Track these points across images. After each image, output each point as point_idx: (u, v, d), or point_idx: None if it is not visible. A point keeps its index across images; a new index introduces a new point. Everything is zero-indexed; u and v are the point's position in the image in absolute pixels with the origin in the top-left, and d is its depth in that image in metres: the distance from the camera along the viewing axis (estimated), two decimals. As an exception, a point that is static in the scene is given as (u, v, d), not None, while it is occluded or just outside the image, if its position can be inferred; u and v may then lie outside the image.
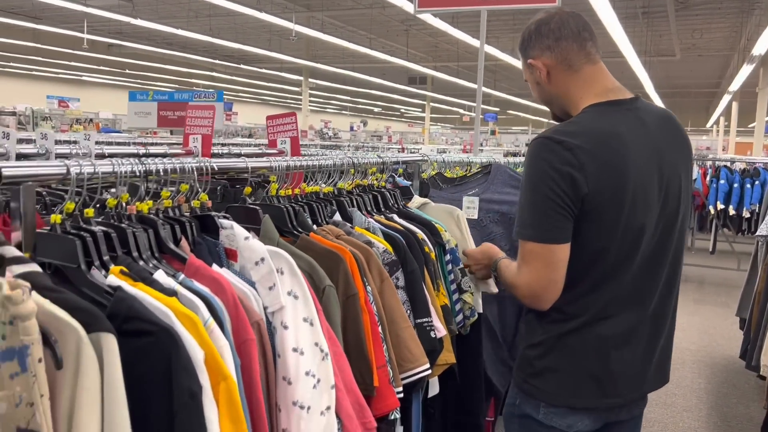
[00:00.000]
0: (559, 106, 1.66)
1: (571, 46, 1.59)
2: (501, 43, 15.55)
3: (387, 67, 20.51)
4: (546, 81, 1.63)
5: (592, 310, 1.54)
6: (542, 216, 1.48)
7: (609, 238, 1.49)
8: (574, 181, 1.44)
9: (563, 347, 1.56)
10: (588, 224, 1.48)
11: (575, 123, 1.55)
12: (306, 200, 1.78)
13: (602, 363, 1.55)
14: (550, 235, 1.48)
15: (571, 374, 1.56)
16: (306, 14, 15.22)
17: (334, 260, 1.51)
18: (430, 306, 1.81)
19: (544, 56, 1.61)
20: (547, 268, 1.50)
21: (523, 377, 1.63)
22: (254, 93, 30.07)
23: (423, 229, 2.01)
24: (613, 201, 1.47)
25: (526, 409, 1.62)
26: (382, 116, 38.21)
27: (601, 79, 1.61)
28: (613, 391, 1.58)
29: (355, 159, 2.00)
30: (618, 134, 1.51)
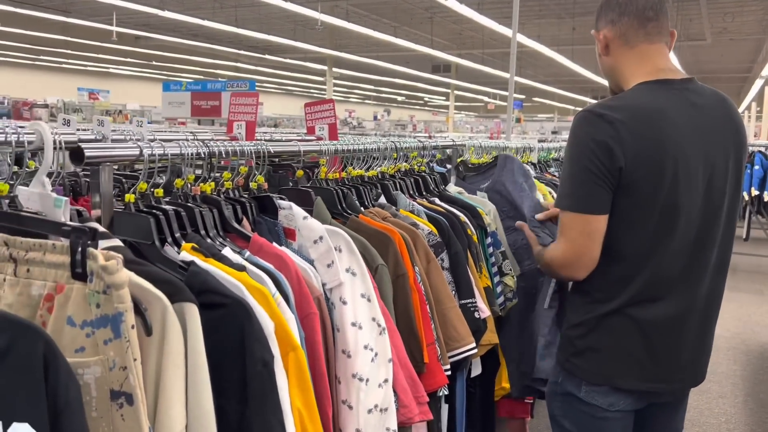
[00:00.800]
0: (614, 80, 1.68)
1: (632, 22, 1.60)
2: (526, 29, 15.39)
3: (411, 55, 20.41)
4: (603, 53, 1.66)
5: (632, 290, 1.54)
6: (579, 186, 1.50)
7: (646, 213, 1.50)
8: (612, 152, 1.46)
9: (604, 327, 1.57)
10: (625, 198, 1.49)
11: (620, 98, 1.57)
12: (352, 183, 1.83)
13: (645, 346, 1.56)
14: (585, 205, 1.50)
15: (611, 355, 1.57)
16: (330, 3, 15.22)
17: (383, 241, 1.56)
18: (474, 287, 1.85)
19: (606, 29, 1.64)
20: (582, 237, 1.52)
21: (565, 356, 1.65)
22: (278, 83, 30.18)
23: (465, 213, 2.04)
24: (650, 176, 1.48)
25: (567, 387, 1.64)
26: (405, 105, 38.13)
27: (655, 58, 1.61)
28: (655, 376, 1.59)
29: (398, 143, 2.04)
30: (661, 110, 1.51)
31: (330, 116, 2.82)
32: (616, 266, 1.54)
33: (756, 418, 3.97)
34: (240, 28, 15.94)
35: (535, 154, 3.60)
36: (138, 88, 24.31)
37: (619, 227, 1.52)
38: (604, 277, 1.56)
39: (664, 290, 1.55)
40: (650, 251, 1.53)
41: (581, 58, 19.01)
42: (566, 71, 20.24)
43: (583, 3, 14.89)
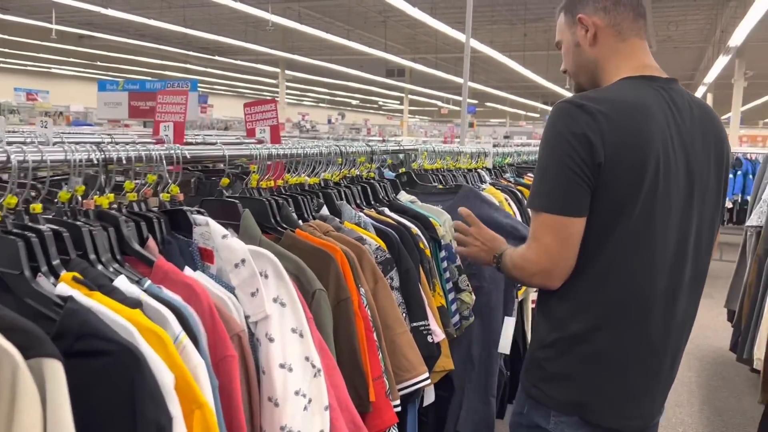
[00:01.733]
0: (590, 73, 1.53)
1: (628, 13, 1.49)
2: (479, 35, 15.45)
3: (365, 59, 20.27)
4: (590, 42, 1.50)
5: (606, 307, 1.39)
6: (556, 184, 1.35)
7: (625, 215, 1.35)
8: (591, 145, 1.31)
9: (578, 350, 1.40)
10: (603, 197, 1.34)
11: (601, 91, 1.44)
12: (290, 193, 1.61)
13: (622, 376, 1.40)
14: (562, 206, 1.34)
15: (585, 384, 1.41)
16: (282, 5, 14.94)
17: (323, 260, 1.35)
18: (426, 308, 1.66)
19: (597, 16, 1.49)
20: (557, 243, 1.36)
21: (532, 381, 1.47)
22: (230, 85, 29.61)
23: (416, 224, 1.85)
24: (631, 173, 1.34)
25: (534, 418, 1.46)
26: (360, 109, 37.97)
27: (642, 55, 1.51)
28: (633, 412, 1.44)
29: (343, 147, 1.83)
30: (645, 106, 1.39)
31: (272, 117, 2.59)
32: (590, 277, 1.38)
33: (713, 427, 3.91)
34: (189, 29, 15.50)
35: (490, 160, 3.45)
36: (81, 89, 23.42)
37: (595, 233, 1.36)
38: (576, 290, 1.40)
39: (641, 309, 1.39)
40: (630, 259, 1.38)
41: (532, 63, 19.20)
42: (518, 77, 20.44)
43: (534, 9, 15.01)
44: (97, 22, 17.34)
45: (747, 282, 4.61)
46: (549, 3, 14.81)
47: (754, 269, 4.50)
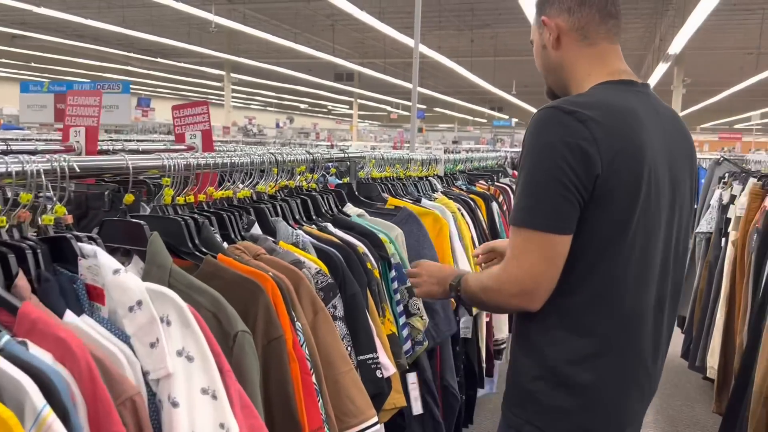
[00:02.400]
0: (558, 78, 1.45)
1: (594, 15, 1.39)
2: (427, 40, 15.43)
3: (313, 62, 20.02)
4: (554, 45, 1.42)
5: (609, 322, 1.29)
6: (543, 198, 1.24)
7: (622, 229, 1.26)
8: (587, 157, 1.21)
9: (574, 379, 1.29)
10: (598, 212, 1.25)
11: (587, 95, 1.34)
12: (214, 209, 1.38)
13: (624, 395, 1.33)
14: (549, 222, 1.24)
15: (587, 412, 1.31)
16: (227, 6, 14.58)
17: (250, 291, 1.13)
18: (375, 338, 1.45)
19: (561, 17, 1.40)
20: (542, 262, 1.25)
21: (525, 418, 1.33)
22: (173, 88, 28.83)
23: (364, 242, 1.65)
24: (629, 184, 1.25)
25: None
26: (308, 113, 37.58)
27: (615, 60, 1.42)
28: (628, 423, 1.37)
29: (279, 155, 1.61)
30: (635, 111, 1.31)
31: (203, 121, 2.34)
32: (587, 297, 1.29)
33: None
34: (129, 30, 14.94)
35: (441, 167, 3.28)
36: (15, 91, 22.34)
37: (589, 247, 1.27)
38: (573, 312, 1.30)
39: (638, 326, 1.32)
40: (625, 277, 1.29)
41: (480, 69, 19.31)
42: (466, 82, 20.54)
43: (481, 16, 15.08)
44: (31, 21, 16.56)
45: (697, 288, 4.59)
46: (495, 10, 14.90)
47: (705, 276, 4.48)
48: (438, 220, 2.09)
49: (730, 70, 19.46)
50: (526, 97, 26.66)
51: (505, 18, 15.49)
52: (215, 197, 1.42)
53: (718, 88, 21.16)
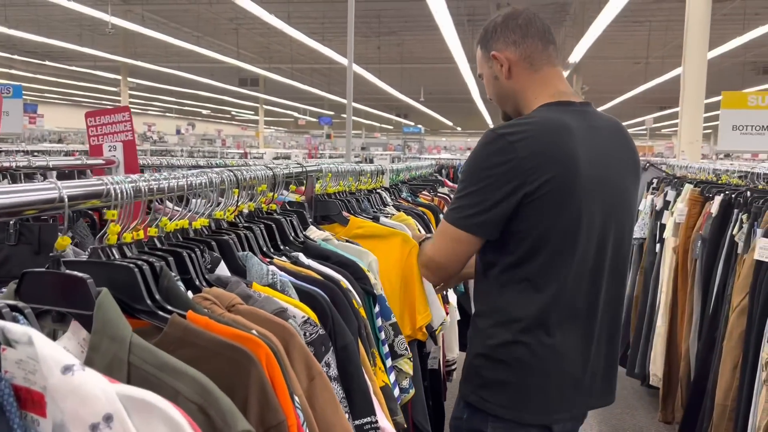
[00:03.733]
0: (513, 103, 1.64)
1: (536, 44, 1.59)
2: (334, 46, 15.22)
3: (216, 67, 19.30)
4: (506, 76, 1.60)
5: (534, 313, 1.48)
6: (468, 204, 1.48)
7: (551, 236, 1.46)
8: (512, 174, 1.43)
9: (512, 356, 1.50)
10: (529, 219, 1.45)
11: (527, 117, 1.55)
12: (169, 246, 1.06)
13: (552, 375, 1.51)
14: (467, 224, 1.49)
15: (520, 386, 1.51)
16: (122, 7, 13.73)
17: (237, 363, 0.83)
18: (372, 397, 1.18)
19: (509, 50, 1.59)
20: (450, 251, 1.54)
21: (470, 389, 1.56)
22: (64, 93, 26.98)
23: (344, 273, 1.37)
24: (558, 198, 1.44)
25: (474, 423, 1.55)
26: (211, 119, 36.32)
27: (557, 82, 1.61)
28: (560, 406, 1.55)
29: (239, 172, 1.30)
30: (568, 128, 1.48)
31: (125, 130, 1.97)
32: (517, 289, 1.50)
33: (612, 448, 3.78)
34: (12, 30, 13.74)
35: (387, 178, 3.05)
36: None
37: (524, 244, 1.47)
38: (508, 301, 1.51)
39: (566, 315, 1.50)
40: (555, 270, 1.48)
41: (387, 76, 19.30)
42: (373, 89, 20.48)
43: (387, 23, 15.04)
44: None
45: (633, 295, 4.61)
46: (401, 17, 14.91)
47: (640, 282, 4.50)
48: (407, 241, 1.84)
49: (621, 79, 20.53)
50: (433, 105, 27.00)
51: (411, 25, 15.54)
52: (167, 230, 1.09)
53: (611, 95, 22.28)
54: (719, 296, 2.92)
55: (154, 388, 0.71)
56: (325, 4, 13.38)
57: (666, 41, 14.82)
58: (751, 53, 14.73)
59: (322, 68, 20.79)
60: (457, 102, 26.44)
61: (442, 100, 26.87)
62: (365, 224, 1.86)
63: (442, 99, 26.70)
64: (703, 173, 3.97)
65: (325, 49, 14.57)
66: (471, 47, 15.89)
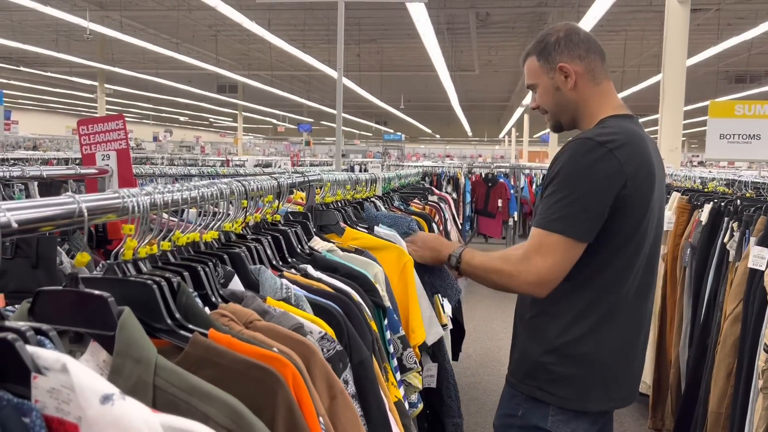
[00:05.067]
0: (571, 113, 1.71)
1: (597, 59, 1.68)
2: (314, 53, 15.20)
3: (194, 73, 19.14)
4: (571, 87, 1.67)
5: (605, 309, 1.59)
6: (576, 212, 1.52)
7: (634, 235, 1.57)
8: (615, 180, 1.52)
9: (580, 351, 1.60)
10: (617, 221, 1.54)
11: (608, 127, 1.61)
12: (183, 261, 1.02)
13: (614, 365, 1.63)
14: (577, 232, 1.53)
15: (585, 378, 1.61)
16: (99, 13, 13.55)
17: (263, 384, 0.79)
18: (389, 416, 1.15)
19: (575, 63, 1.66)
20: (565, 261, 1.54)
21: (536, 385, 1.63)
22: (39, 99, 26.53)
23: (353, 286, 1.34)
24: (644, 200, 1.57)
25: (532, 419, 1.62)
26: (189, 125, 36.00)
27: (615, 95, 1.72)
28: (619, 394, 1.68)
29: (248, 183, 1.27)
30: (644, 139, 1.62)
31: (119, 138, 1.92)
32: (591, 287, 1.59)
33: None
34: (-16, 35, 13.49)
35: (380, 186, 3.02)
36: None
37: (603, 248, 1.55)
38: (577, 299, 1.59)
39: (626, 309, 1.62)
40: (622, 273, 1.59)
41: (367, 84, 19.31)
42: (353, 96, 20.48)
43: (367, 31, 15.06)
44: None
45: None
46: (381, 25, 14.93)
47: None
48: (402, 255, 1.82)
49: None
50: (412, 112, 27.06)
51: (391, 33, 15.58)
52: (180, 243, 1.05)
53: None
54: (710, 304, 2.94)
55: (183, 412, 0.68)
56: (306, 12, 13.36)
57: (642, 50, 15.06)
58: (723, 63, 15.01)
59: (301, 75, 20.75)
60: (436, 110, 26.57)
61: (422, 107, 26.97)
62: (360, 236, 1.83)
63: (422, 107, 26.80)
64: (689, 181, 4.01)
65: (305, 56, 14.54)
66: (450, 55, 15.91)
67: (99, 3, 13.27)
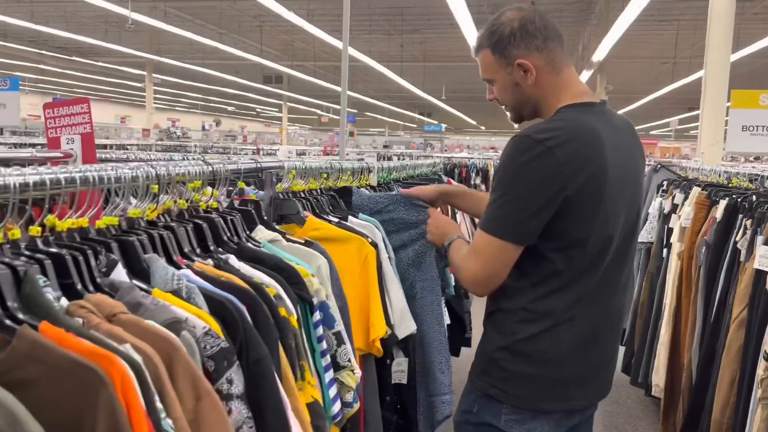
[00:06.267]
0: (532, 108, 1.62)
1: (557, 47, 1.57)
2: (357, 44, 15.15)
3: (241, 64, 19.36)
4: (531, 82, 1.56)
5: (561, 308, 1.52)
6: (510, 214, 1.47)
7: (586, 234, 1.48)
8: (554, 179, 1.42)
9: (535, 350, 1.54)
10: (566, 221, 1.46)
11: (556, 121, 1.52)
12: (57, 246, 0.98)
13: (572, 365, 1.56)
14: (512, 234, 1.47)
15: (541, 377, 1.55)
16: (148, 4, 13.83)
17: (85, 384, 0.74)
18: (288, 417, 1.08)
19: (533, 57, 1.54)
20: (497, 263, 1.50)
21: (489, 382, 1.57)
22: (92, 89, 27.36)
23: (277, 278, 1.28)
24: (593, 198, 1.47)
25: (485, 416, 1.57)
26: (236, 115, 36.57)
27: (576, 81, 1.61)
28: (579, 394, 1.60)
29: (160, 168, 1.22)
30: (596, 130, 1.49)
31: (84, 122, 1.90)
32: (547, 286, 1.52)
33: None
34: (39, 25, 13.93)
35: (375, 176, 2.94)
36: None
37: (557, 248, 1.49)
38: (533, 295, 1.53)
39: (587, 307, 1.55)
40: (583, 272, 1.52)
41: (409, 74, 19.16)
42: (395, 87, 20.37)
43: (410, 21, 14.92)
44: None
45: (639, 300, 4.42)
46: (425, 16, 14.75)
47: (646, 288, 4.30)
48: (363, 246, 1.74)
49: (648, 79, 20.07)
50: (455, 103, 26.75)
51: (434, 23, 15.38)
52: (59, 229, 1.01)
53: (636, 96, 21.80)
54: (721, 306, 2.75)
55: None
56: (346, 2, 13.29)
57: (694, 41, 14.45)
58: (784, 53, 14.27)
59: (344, 66, 20.75)
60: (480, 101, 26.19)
61: (465, 98, 26.62)
62: (322, 226, 1.76)
63: (465, 98, 26.46)
64: (715, 175, 3.79)
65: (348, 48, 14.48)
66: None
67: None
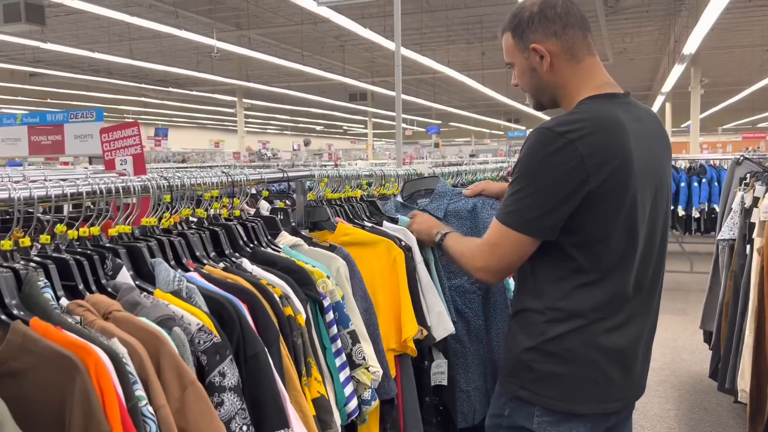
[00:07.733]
0: (550, 95, 1.59)
1: (577, 34, 1.52)
2: (437, 55, 15.20)
3: (325, 84, 19.93)
4: (546, 68, 1.53)
5: (589, 307, 1.47)
6: (529, 207, 1.44)
7: (610, 229, 1.44)
8: (575, 174, 1.39)
9: (566, 348, 1.49)
10: (590, 215, 1.43)
11: (578, 112, 1.47)
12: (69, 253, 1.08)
13: (605, 364, 1.50)
14: (530, 228, 1.46)
15: (573, 378, 1.50)
16: (236, 33, 14.54)
17: (64, 371, 0.82)
18: (286, 408, 1.13)
19: (549, 42, 1.51)
20: (513, 256, 1.50)
21: (519, 384, 1.54)
22: (188, 117, 29.00)
23: (287, 279, 1.33)
24: (618, 192, 1.43)
25: (518, 419, 1.53)
26: (324, 134, 37.56)
27: (599, 72, 1.55)
28: (614, 395, 1.54)
29: (173, 179, 1.31)
30: (621, 122, 1.45)
31: (134, 144, 2.07)
32: (575, 282, 1.48)
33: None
34: (138, 61, 14.98)
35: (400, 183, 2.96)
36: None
37: (583, 244, 1.46)
38: (559, 295, 1.49)
39: (619, 308, 1.50)
40: (612, 268, 1.47)
41: (492, 82, 18.99)
42: (479, 95, 20.24)
43: (490, 28, 14.82)
44: (45, 59, 16.76)
45: (723, 301, 4.15)
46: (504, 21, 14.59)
47: (730, 287, 4.04)
48: (391, 249, 1.77)
49: (749, 69, 18.87)
50: (543, 107, 26.16)
51: (516, 28, 15.20)
52: (70, 237, 1.12)
53: (738, 87, 20.54)
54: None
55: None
56: (424, 15, 13.40)
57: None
58: None
59: (427, 78, 20.87)
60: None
61: (553, 102, 26.01)
62: (352, 231, 1.81)
63: (553, 102, 25.83)
64: (799, 165, 3.52)
65: (424, 59, 14.60)
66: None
67: (236, 24, 14.22)
